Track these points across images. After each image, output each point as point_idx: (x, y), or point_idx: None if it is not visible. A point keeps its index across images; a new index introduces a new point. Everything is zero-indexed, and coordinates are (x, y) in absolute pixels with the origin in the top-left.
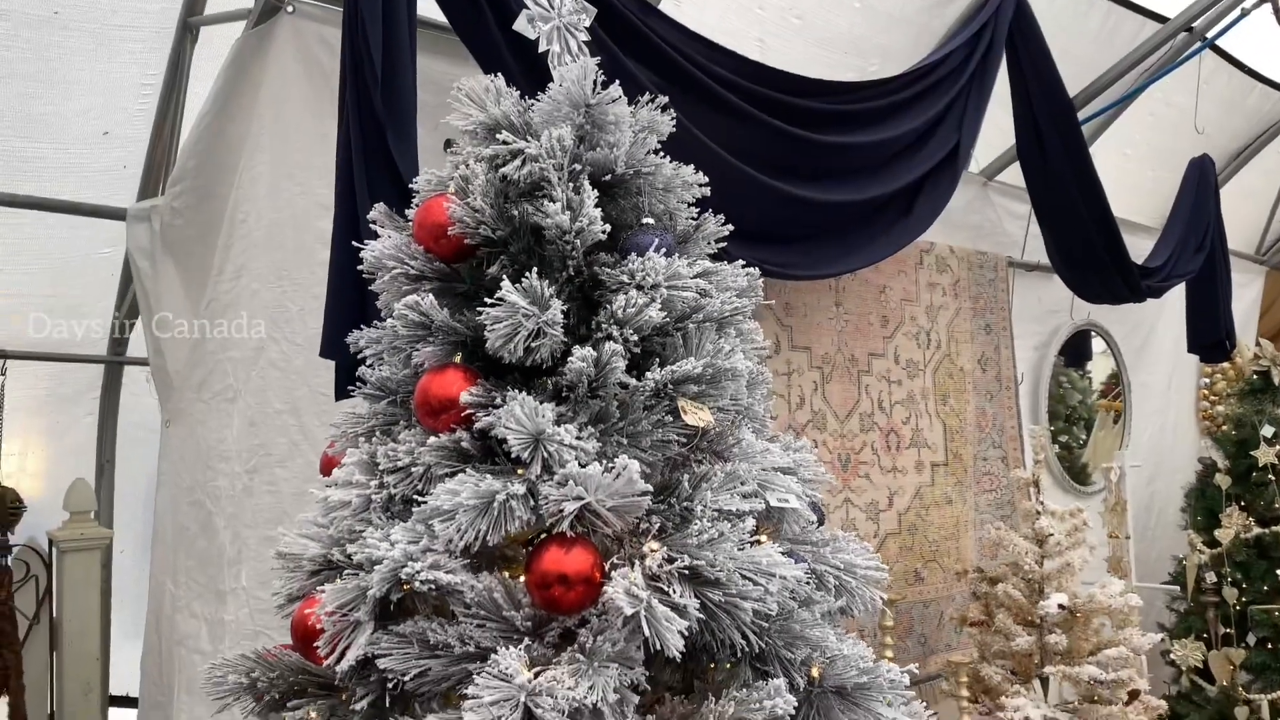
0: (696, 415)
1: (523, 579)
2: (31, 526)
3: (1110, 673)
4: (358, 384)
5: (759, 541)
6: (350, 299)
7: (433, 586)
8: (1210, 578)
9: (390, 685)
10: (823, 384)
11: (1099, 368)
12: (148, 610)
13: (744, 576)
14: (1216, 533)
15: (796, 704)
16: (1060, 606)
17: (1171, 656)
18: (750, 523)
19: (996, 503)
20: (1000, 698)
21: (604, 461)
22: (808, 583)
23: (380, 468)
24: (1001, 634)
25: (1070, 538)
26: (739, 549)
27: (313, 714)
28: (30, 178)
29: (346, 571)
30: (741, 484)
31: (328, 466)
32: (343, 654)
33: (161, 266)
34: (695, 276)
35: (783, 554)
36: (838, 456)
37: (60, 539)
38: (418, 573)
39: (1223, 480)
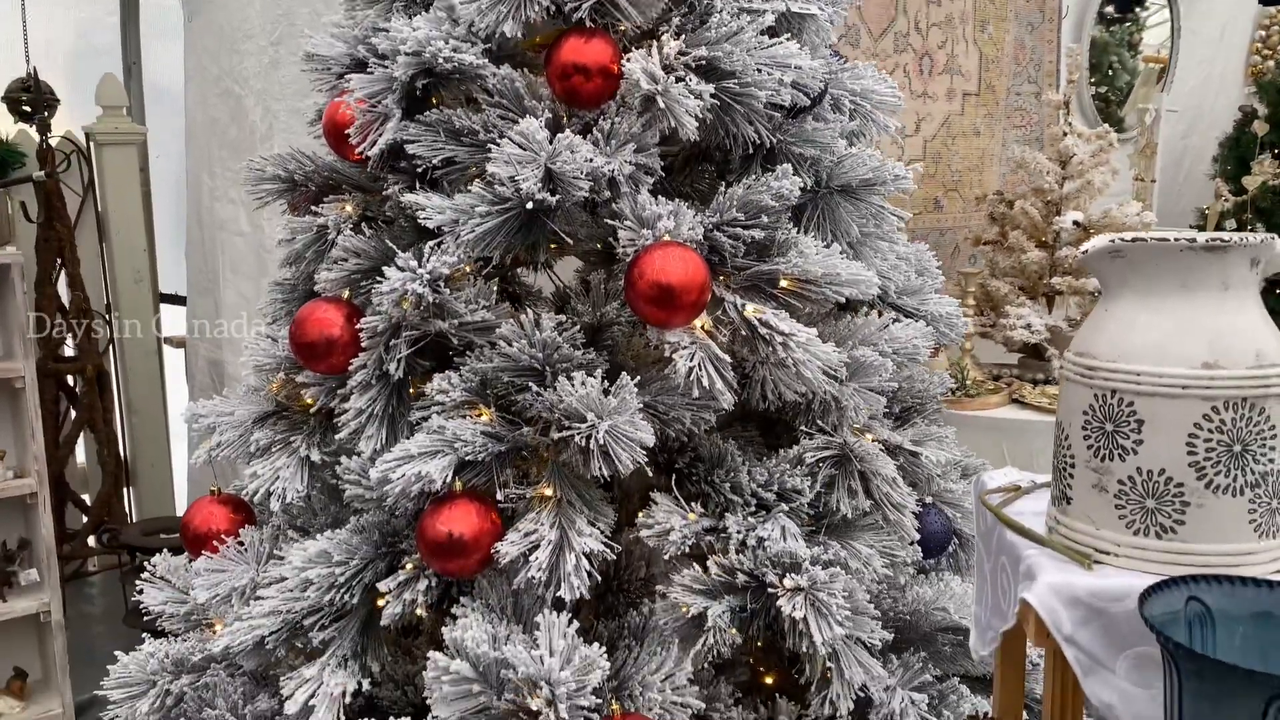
0: None
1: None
2: (66, 123)
3: None
4: None
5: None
6: None
7: (455, 69)
8: (1230, 224)
9: (419, 173)
10: None
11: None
12: (187, 205)
13: (760, 68)
14: (1244, 180)
15: (802, 201)
16: (1075, 223)
17: None
18: (770, 18)
19: (1025, 139)
20: (1004, 306)
21: None
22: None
23: None
24: (1014, 250)
25: (1094, 159)
26: (757, 45)
27: (348, 208)
28: None
29: (373, 61)
30: None
31: None
32: (374, 142)
33: None
34: None
35: None
36: None
37: (97, 132)
38: (440, 52)
39: (1260, 128)
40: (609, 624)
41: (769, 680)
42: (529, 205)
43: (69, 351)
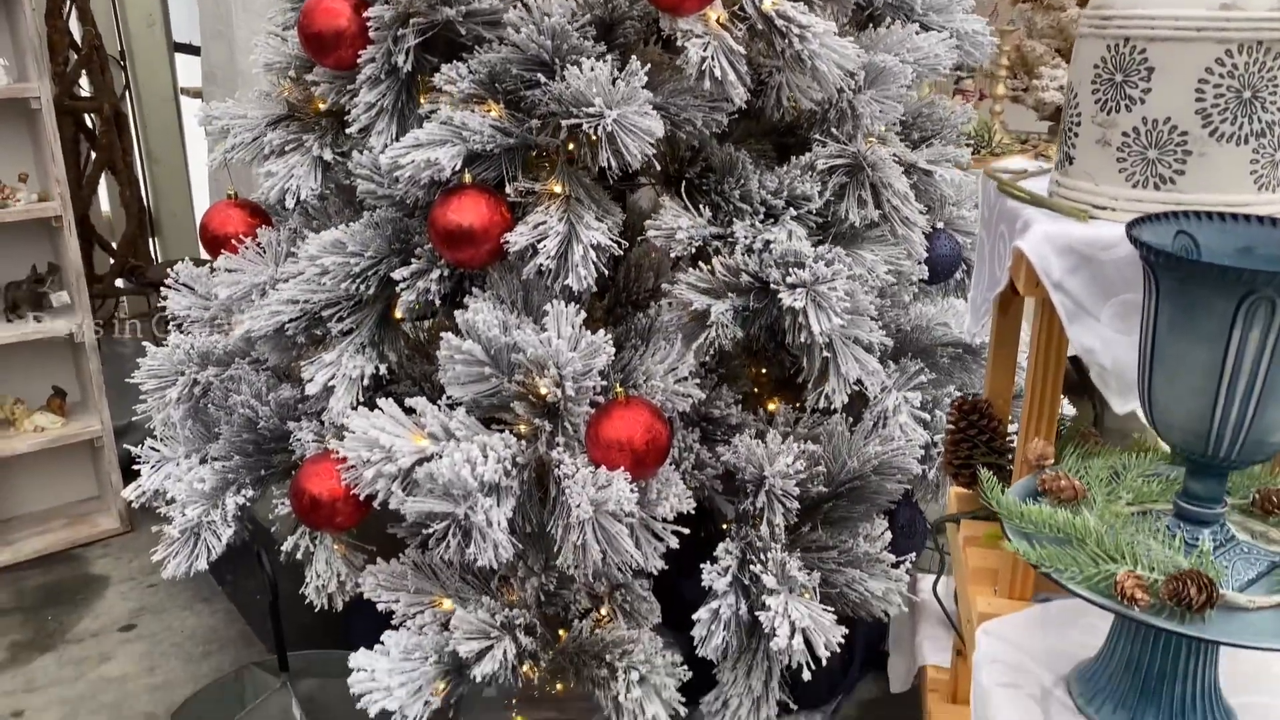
0: None
1: None
2: None
3: None
4: None
5: None
6: None
7: None
8: None
9: None
10: None
11: None
12: None
13: None
14: None
15: None
16: None
17: None
18: None
19: None
20: (1039, 68)
21: None
22: None
23: None
24: (1052, 9)
25: None
26: None
27: None
28: None
29: None
30: None
31: None
32: None
33: None
34: None
35: None
36: None
37: None
38: None
39: None
40: (616, 329)
41: (770, 406)
42: None
43: (84, 93)
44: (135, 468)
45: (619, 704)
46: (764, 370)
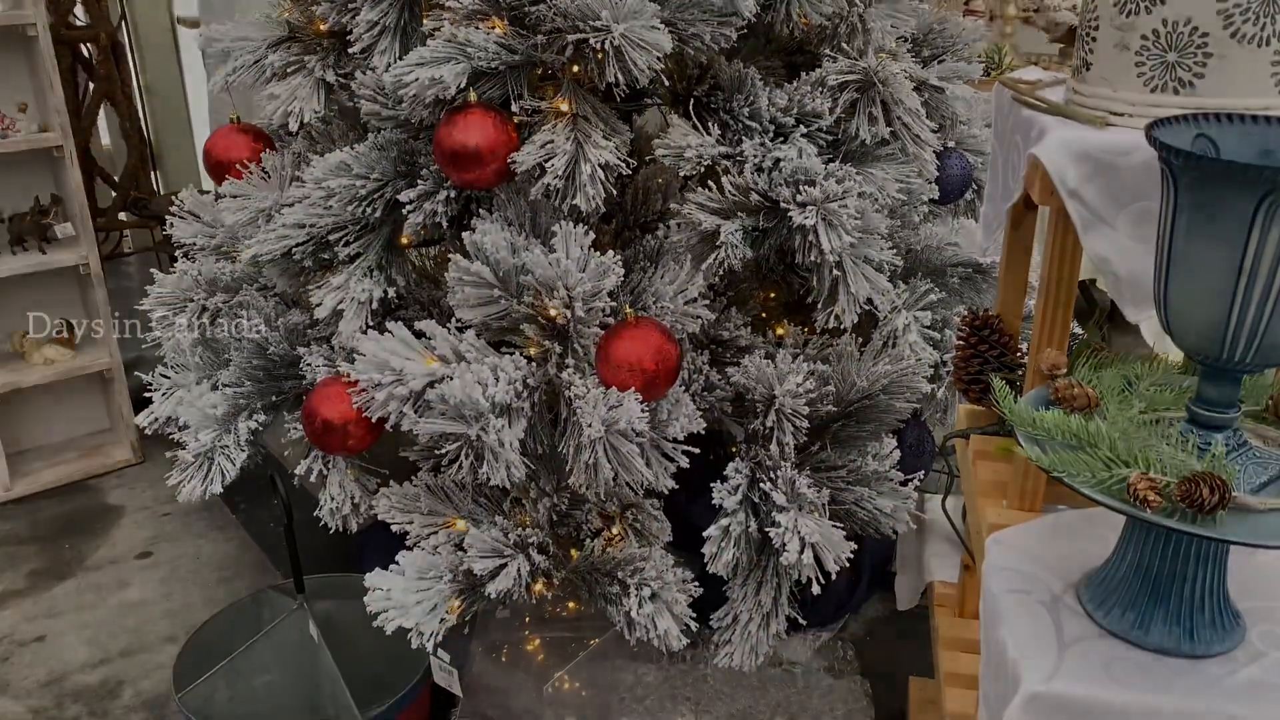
0: None
1: None
2: None
3: None
4: None
5: None
6: None
7: None
8: None
9: None
10: None
11: None
12: None
13: None
14: None
15: None
16: None
17: None
18: None
19: None
20: None
21: None
22: None
23: None
24: None
25: None
26: None
27: None
28: None
29: None
30: None
31: None
32: None
33: None
34: None
35: None
36: None
37: None
38: None
39: None
40: (624, 253)
41: (779, 330)
42: None
43: (80, 22)
44: (146, 395)
45: (631, 619)
46: (773, 295)
